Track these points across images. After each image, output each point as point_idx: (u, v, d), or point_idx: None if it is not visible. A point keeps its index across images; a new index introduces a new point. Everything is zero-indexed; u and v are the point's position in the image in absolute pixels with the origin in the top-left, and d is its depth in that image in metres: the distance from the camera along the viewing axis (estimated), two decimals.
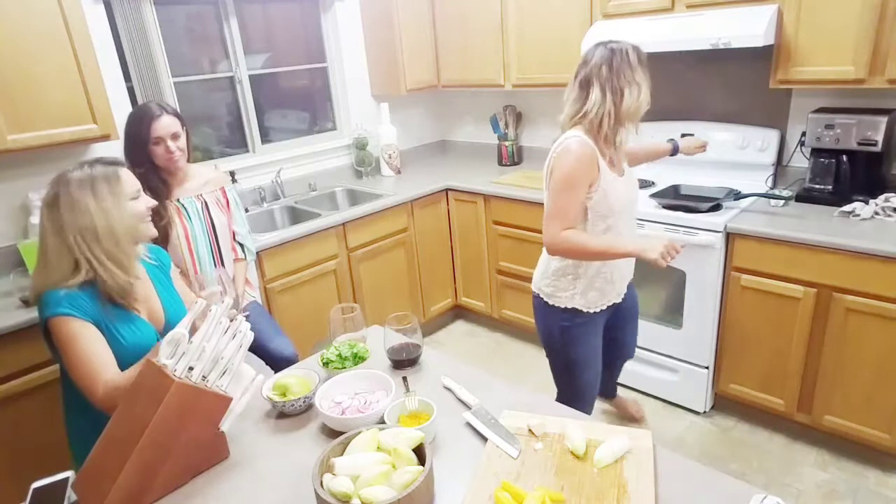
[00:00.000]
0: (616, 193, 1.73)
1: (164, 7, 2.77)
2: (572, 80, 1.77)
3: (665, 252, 1.61)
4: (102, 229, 1.36)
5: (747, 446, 2.44)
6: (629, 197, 1.80)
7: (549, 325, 1.91)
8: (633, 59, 1.68)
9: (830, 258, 2.10)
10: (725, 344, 2.48)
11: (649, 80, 1.72)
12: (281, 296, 2.70)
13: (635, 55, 1.70)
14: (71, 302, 1.33)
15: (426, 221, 3.31)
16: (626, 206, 1.78)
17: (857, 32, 2.10)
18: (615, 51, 1.68)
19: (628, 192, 1.79)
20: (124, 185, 1.41)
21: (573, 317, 1.86)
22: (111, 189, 1.39)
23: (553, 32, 2.95)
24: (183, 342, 1.17)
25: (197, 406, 1.14)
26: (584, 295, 1.83)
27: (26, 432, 2.03)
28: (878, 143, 2.22)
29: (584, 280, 1.82)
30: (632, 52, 1.69)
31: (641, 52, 1.72)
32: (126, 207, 1.40)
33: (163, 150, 1.96)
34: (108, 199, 1.38)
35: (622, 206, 1.76)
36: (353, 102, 3.59)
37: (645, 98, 1.70)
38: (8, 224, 2.40)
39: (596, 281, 1.82)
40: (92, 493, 1.08)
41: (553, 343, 1.94)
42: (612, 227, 1.76)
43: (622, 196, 1.76)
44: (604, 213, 1.73)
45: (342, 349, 1.51)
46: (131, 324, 1.43)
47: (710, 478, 1.10)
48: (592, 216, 1.74)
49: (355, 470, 1.03)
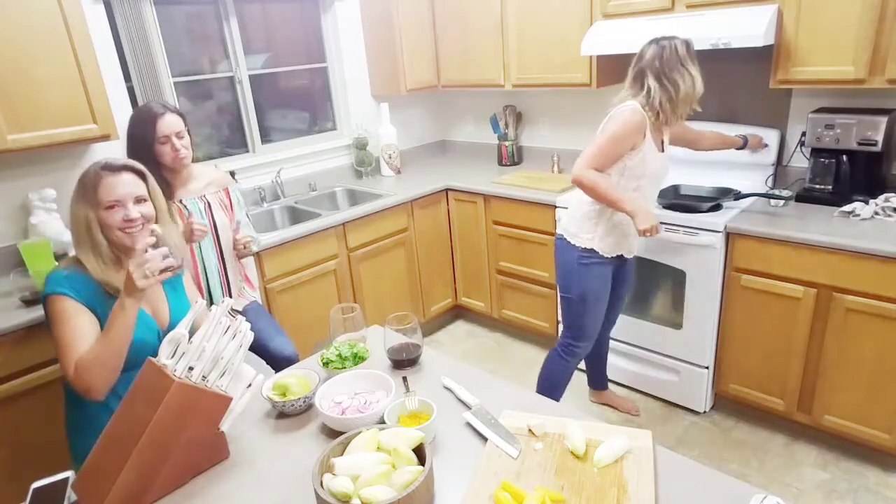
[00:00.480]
0: (653, 163, 2.03)
1: (164, 7, 2.77)
2: (628, 77, 2.05)
3: (650, 229, 1.93)
4: (77, 231, 1.42)
5: (747, 446, 2.44)
6: (661, 170, 2.11)
7: (569, 260, 2.18)
8: (681, 52, 1.95)
9: (830, 258, 2.10)
10: (725, 344, 2.48)
11: (699, 69, 1.98)
12: (281, 296, 2.70)
13: (684, 48, 1.96)
14: (71, 283, 1.38)
15: (426, 221, 3.31)
16: (657, 176, 2.11)
17: (857, 32, 2.10)
18: (665, 46, 1.95)
19: (662, 166, 2.10)
20: (99, 192, 1.41)
21: (590, 255, 2.14)
22: (86, 194, 1.42)
23: (553, 32, 2.95)
24: (183, 342, 1.18)
25: (197, 406, 1.14)
26: (603, 239, 2.12)
27: (26, 432, 2.03)
28: (878, 143, 2.22)
29: (604, 226, 2.11)
30: (681, 45, 1.95)
31: (690, 44, 1.97)
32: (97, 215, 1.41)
33: (169, 149, 1.96)
34: (82, 203, 1.42)
35: (653, 174, 2.07)
36: (353, 102, 3.59)
37: (699, 85, 1.97)
38: (8, 224, 2.40)
39: (614, 230, 2.11)
40: (92, 493, 1.08)
41: (570, 276, 2.20)
42: (639, 189, 2.05)
43: (657, 167, 2.06)
44: (637, 174, 2.03)
45: (342, 349, 1.51)
46: None
47: (710, 478, 1.10)
48: (628, 175, 2.03)
49: (355, 470, 1.03)
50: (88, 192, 1.42)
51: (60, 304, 1.37)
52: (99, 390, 1.36)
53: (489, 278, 3.36)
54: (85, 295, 1.39)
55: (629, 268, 2.35)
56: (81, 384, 1.34)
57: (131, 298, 1.34)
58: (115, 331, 1.33)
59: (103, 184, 1.42)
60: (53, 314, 1.38)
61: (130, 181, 1.45)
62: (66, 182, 2.45)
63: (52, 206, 2.38)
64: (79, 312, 1.38)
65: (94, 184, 1.42)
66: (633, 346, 2.76)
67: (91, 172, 1.44)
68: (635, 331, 2.72)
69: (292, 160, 3.33)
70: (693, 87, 1.96)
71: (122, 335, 1.34)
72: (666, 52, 1.94)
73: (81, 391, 1.35)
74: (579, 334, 2.25)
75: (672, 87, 1.94)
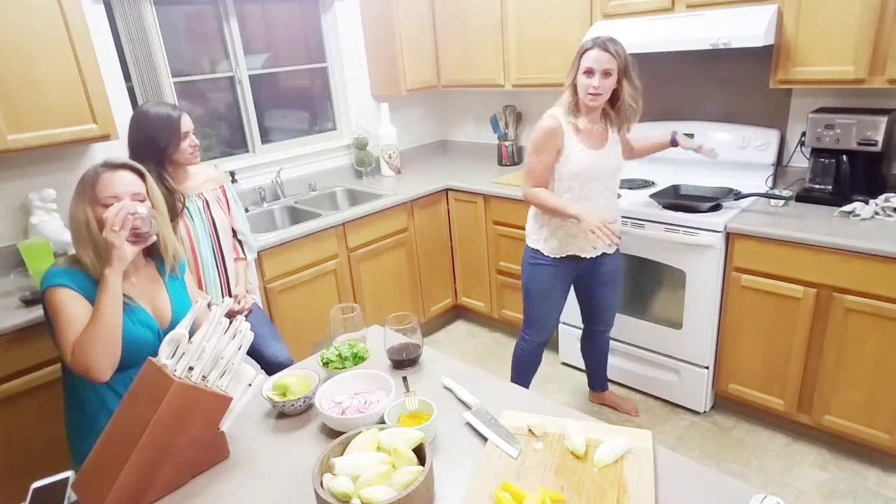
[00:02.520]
0: (579, 162, 2.08)
1: (164, 7, 2.77)
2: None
3: (595, 228, 1.98)
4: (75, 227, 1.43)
5: (747, 446, 2.44)
6: (597, 168, 2.10)
7: (523, 259, 2.34)
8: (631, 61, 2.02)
9: (830, 258, 2.10)
10: (725, 344, 2.48)
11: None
12: (281, 296, 2.70)
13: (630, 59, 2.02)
14: (70, 276, 1.40)
15: (426, 221, 3.31)
16: (592, 175, 2.10)
17: (857, 32, 2.10)
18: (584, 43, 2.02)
19: (597, 164, 2.10)
20: (97, 188, 1.42)
21: (536, 255, 2.26)
22: (84, 190, 1.43)
23: (553, 32, 2.95)
24: (183, 342, 1.18)
25: (197, 406, 1.14)
26: (547, 241, 2.22)
27: (26, 432, 2.03)
28: (878, 143, 2.22)
29: (548, 229, 2.21)
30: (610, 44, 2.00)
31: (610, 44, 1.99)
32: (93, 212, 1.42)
33: (187, 145, 2.00)
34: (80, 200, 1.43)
35: (585, 173, 2.09)
36: (353, 102, 3.59)
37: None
38: (8, 224, 2.40)
39: (557, 232, 2.19)
40: (92, 493, 1.08)
41: (523, 271, 2.35)
42: (574, 190, 2.11)
43: (585, 166, 2.08)
44: (566, 176, 2.11)
45: (342, 349, 1.51)
46: (129, 312, 1.44)
47: (710, 478, 1.10)
48: (557, 177, 2.12)
49: (355, 470, 1.03)
50: (87, 188, 1.42)
51: (59, 295, 1.38)
52: (98, 368, 1.35)
53: (489, 278, 3.36)
54: (84, 288, 1.40)
55: (605, 268, 2.32)
56: (79, 365, 1.34)
57: (111, 268, 1.36)
58: (101, 305, 1.35)
59: (101, 180, 1.42)
60: (53, 305, 1.38)
61: (129, 179, 1.46)
62: (66, 182, 2.45)
63: (52, 206, 2.38)
64: (77, 301, 1.39)
65: (92, 181, 1.42)
66: (633, 346, 2.76)
67: (90, 170, 1.45)
68: (635, 331, 2.72)
69: (292, 160, 3.33)
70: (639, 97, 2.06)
71: (109, 308, 1.35)
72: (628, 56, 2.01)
73: (81, 371, 1.35)
74: (527, 325, 2.41)
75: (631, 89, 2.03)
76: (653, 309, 2.64)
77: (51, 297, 1.39)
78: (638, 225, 2.53)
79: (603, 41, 1.97)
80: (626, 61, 1.99)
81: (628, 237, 2.57)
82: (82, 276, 1.41)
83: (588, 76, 1.98)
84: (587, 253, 2.22)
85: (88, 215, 1.41)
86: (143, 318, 1.47)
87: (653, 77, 2.99)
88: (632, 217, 2.54)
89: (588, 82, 1.98)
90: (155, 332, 1.48)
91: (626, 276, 2.70)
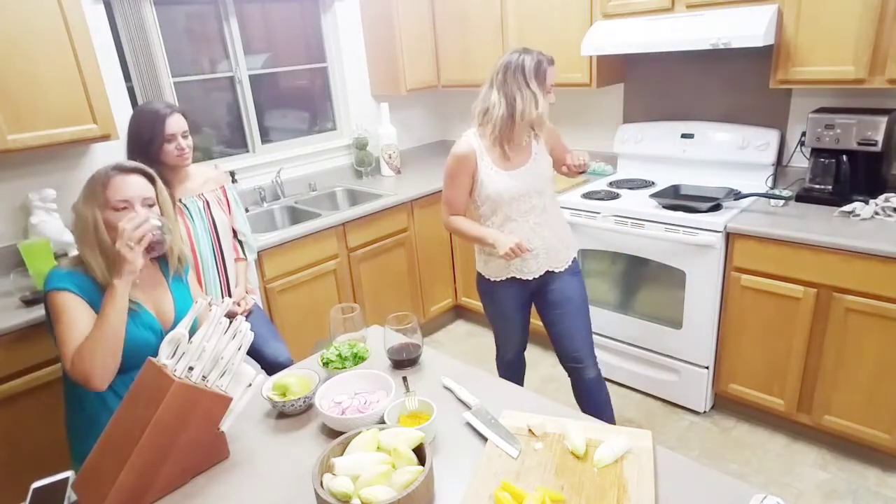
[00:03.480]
0: (494, 185, 1.95)
1: (164, 7, 2.77)
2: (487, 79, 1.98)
3: (510, 252, 1.87)
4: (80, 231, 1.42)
5: (747, 446, 2.44)
6: (515, 190, 1.96)
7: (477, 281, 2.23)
8: (528, 67, 1.86)
9: (830, 258, 2.10)
10: (725, 344, 2.48)
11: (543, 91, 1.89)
12: (281, 296, 2.70)
13: (533, 64, 1.86)
14: (72, 280, 1.39)
15: (426, 221, 3.30)
16: (509, 197, 1.96)
17: (857, 32, 2.10)
18: (512, 60, 1.88)
19: (514, 186, 1.96)
20: (108, 191, 1.41)
21: (481, 280, 2.17)
22: (94, 192, 1.42)
23: (553, 32, 2.94)
24: (183, 342, 1.18)
25: (197, 406, 1.14)
26: (486, 264, 2.11)
27: (26, 432, 2.03)
28: (878, 143, 2.22)
29: (484, 253, 2.10)
30: (530, 60, 1.86)
31: (542, 62, 1.88)
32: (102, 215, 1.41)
33: (174, 148, 1.97)
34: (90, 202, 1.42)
35: (501, 196, 1.96)
36: (353, 102, 3.59)
37: (540, 105, 1.87)
38: (8, 224, 2.40)
39: (491, 256, 2.06)
40: (92, 493, 1.08)
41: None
42: (495, 213, 1.99)
43: (503, 188, 1.95)
44: (482, 200, 2.00)
45: (342, 349, 1.51)
46: (132, 315, 1.44)
47: (710, 478, 1.10)
48: (474, 202, 2.03)
49: (355, 470, 1.03)
50: (97, 191, 1.41)
51: (61, 298, 1.37)
52: (97, 377, 1.33)
53: None
54: (86, 292, 1.39)
55: (553, 287, 2.08)
56: (79, 373, 1.33)
57: (120, 279, 1.35)
58: (106, 315, 1.33)
59: (113, 183, 1.42)
60: (54, 309, 1.38)
61: (140, 183, 1.46)
62: (66, 182, 2.46)
63: (52, 206, 2.38)
64: (79, 306, 1.38)
65: (103, 183, 1.41)
66: (633, 346, 2.76)
67: (101, 172, 1.44)
68: (635, 331, 2.72)
69: (292, 160, 3.33)
70: (533, 107, 1.86)
71: (114, 319, 1.34)
72: (512, 65, 1.87)
73: (81, 380, 1.33)
74: (495, 343, 2.39)
75: (508, 103, 1.88)
76: (653, 309, 2.64)
77: (53, 301, 1.38)
78: (638, 225, 2.53)
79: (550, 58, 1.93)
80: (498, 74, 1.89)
81: (628, 237, 2.57)
82: (85, 278, 1.41)
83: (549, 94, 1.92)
84: (525, 274, 2.05)
85: (97, 218, 1.40)
86: (147, 321, 1.47)
87: (653, 77, 3.01)
88: (632, 217, 2.54)
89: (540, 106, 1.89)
90: (158, 334, 1.48)
91: (626, 275, 2.70)
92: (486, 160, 1.96)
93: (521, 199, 1.98)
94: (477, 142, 1.97)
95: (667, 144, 2.92)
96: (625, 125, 3.13)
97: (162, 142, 1.94)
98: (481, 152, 1.96)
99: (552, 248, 2.04)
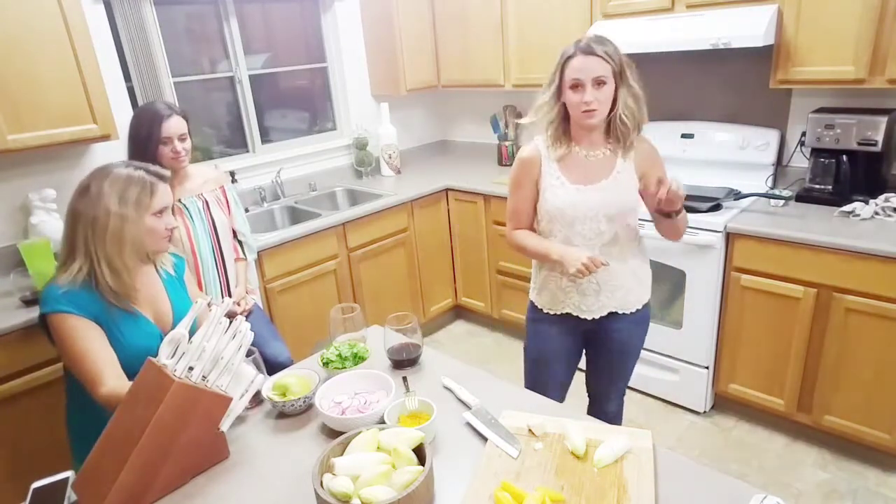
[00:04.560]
0: (555, 199, 1.67)
1: (164, 7, 2.77)
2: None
3: (583, 268, 1.57)
4: (112, 232, 1.37)
5: (747, 446, 2.44)
6: (579, 208, 1.65)
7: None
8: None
9: (830, 258, 2.10)
10: (725, 344, 2.48)
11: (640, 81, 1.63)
12: (281, 296, 2.70)
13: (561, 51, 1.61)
14: (70, 299, 1.35)
15: (426, 221, 3.30)
16: (575, 216, 1.66)
17: (857, 32, 2.10)
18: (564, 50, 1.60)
19: (579, 203, 1.65)
20: (154, 199, 1.42)
21: (532, 309, 1.88)
22: (139, 198, 1.40)
23: (553, 32, 2.94)
24: (183, 342, 1.18)
25: (197, 406, 1.14)
26: (540, 293, 1.83)
27: (26, 432, 2.03)
28: (878, 143, 2.22)
29: (539, 278, 1.82)
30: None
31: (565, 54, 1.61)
32: (144, 221, 1.41)
33: (169, 151, 1.97)
34: (131, 206, 1.39)
35: (562, 213, 1.67)
36: (353, 102, 3.59)
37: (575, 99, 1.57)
38: (8, 224, 2.40)
39: (548, 282, 1.78)
40: (92, 493, 1.08)
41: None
42: (553, 233, 1.71)
43: (565, 203, 1.66)
44: (542, 214, 1.74)
45: (342, 349, 1.51)
46: (133, 323, 1.43)
47: (710, 478, 1.10)
48: (539, 218, 1.76)
49: (355, 470, 1.03)
50: (143, 197, 1.40)
51: (64, 322, 1.34)
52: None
53: (489, 278, 3.36)
54: (86, 308, 1.36)
55: (616, 333, 1.79)
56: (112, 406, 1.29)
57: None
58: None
59: (159, 192, 1.43)
60: (60, 334, 1.35)
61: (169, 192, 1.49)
62: (66, 182, 2.45)
63: (52, 206, 2.38)
64: (86, 326, 1.35)
65: (151, 190, 1.42)
66: None
67: (144, 179, 1.42)
68: None
69: (292, 160, 3.33)
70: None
71: None
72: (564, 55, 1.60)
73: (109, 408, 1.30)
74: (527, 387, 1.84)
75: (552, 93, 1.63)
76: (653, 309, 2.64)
77: (56, 326, 1.35)
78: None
79: (587, 44, 1.56)
80: (622, 63, 1.57)
81: None
82: (83, 294, 1.37)
83: (576, 91, 1.56)
84: (583, 312, 1.75)
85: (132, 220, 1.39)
86: (148, 329, 1.46)
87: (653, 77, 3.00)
88: None
89: (577, 98, 1.56)
90: (159, 338, 1.48)
91: None
92: (552, 167, 1.68)
93: (586, 222, 1.67)
94: (544, 146, 1.70)
95: (667, 144, 2.92)
96: None
97: (158, 143, 1.95)
98: (548, 158, 1.69)
99: (620, 287, 1.72)
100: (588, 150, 1.67)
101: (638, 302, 1.78)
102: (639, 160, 1.69)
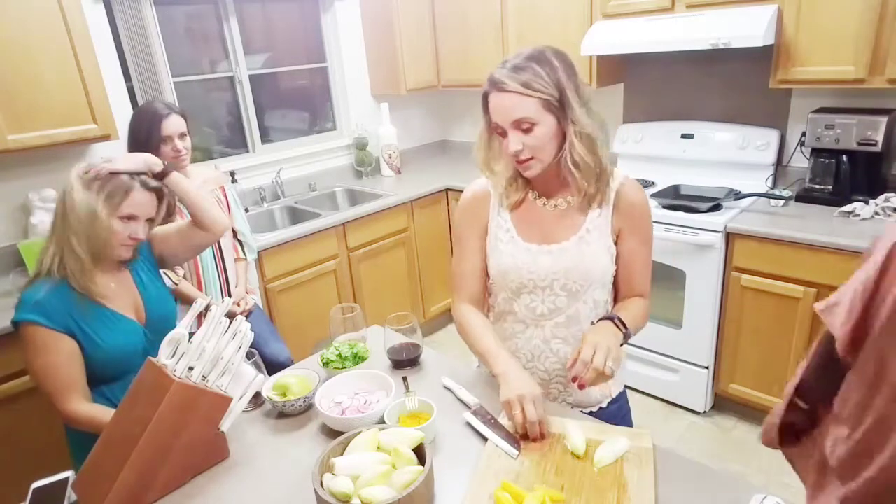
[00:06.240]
0: (498, 258, 1.28)
1: (164, 7, 2.77)
2: None
3: (509, 404, 1.16)
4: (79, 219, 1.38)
5: (747, 446, 2.44)
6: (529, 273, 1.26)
7: None
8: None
9: (830, 258, 2.10)
10: (725, 344, 2.48)
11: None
12: (281, 296, 2.70)
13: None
14: (42, 310, 1.34)
15: (426, 221, 3.30)
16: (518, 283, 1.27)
17: (857, 32, 2.10)
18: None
19: (529, 266, 1.26)
20: (126, 202, 1.41)
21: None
22: (110, 195, 1.40)
23: (553, 32, 2.94)
24: (183, 342, 1.17)
25: (197, 406, 1.14)
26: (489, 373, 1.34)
27: (26, 432, 2.03)
28: (878, 143, 2.22)
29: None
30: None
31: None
32: (111, 220, 1.40)
33: (170, 150, 1.98)
34: (102, 202, 1.39)
35: (503, 278, 1.28)
36: (353, 102, 3.59)
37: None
38: (8, 224, 2.40)
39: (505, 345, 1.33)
40: (92, 493, 1.08)
41: None
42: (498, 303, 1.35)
43: (507, 266, 1.26)
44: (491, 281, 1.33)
45: (342, 349, 1.51)
46: (112, 325, 1.43)
47: (710, 478, 1.10)
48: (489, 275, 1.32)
49: (355, 470, 1.03)
50: (116, 194, 1.40)
51: (31, 333, 1.35)
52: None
53: None
54: (57, 319, 1.35)
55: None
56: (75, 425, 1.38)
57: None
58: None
59: (133, 196, 1.42)
60: (25, 344, 1.37)
61: (152, 204, 1.47)
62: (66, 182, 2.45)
63: (52, 206, 2.37)
64: (57, 342, 1.35)
65: (126, 190, 1.41)
66: (632, 346, 2.76)
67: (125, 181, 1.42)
68: None
69: (292, 160, 3.33)
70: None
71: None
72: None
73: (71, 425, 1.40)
74: None
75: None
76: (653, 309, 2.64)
77: (24, 335, 1.36)
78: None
79: (500, 75, 1.18)
80: (562, 90, 1.15)
81: None
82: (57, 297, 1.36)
83: (503, 136, 1.20)
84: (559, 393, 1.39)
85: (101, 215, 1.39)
86: (129, 327, 1.46)
87: (653, 77, 3.01)
88: None
89: (505, 146, 1.20)
90: (140, 332, 1.48)
91: None
92: (503, 217, 1.30)
93: (536, 292, 1.28)
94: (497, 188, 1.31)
95: (667, 144, 2.92)
96: (625, 125, 3.13)
97: (158, 143, 1.95)
98: (498, 205, 1.31)
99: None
100: (548, 198, 1.28)
101: (604, 397, 1.38)
102: (619, 220, 1.27)
